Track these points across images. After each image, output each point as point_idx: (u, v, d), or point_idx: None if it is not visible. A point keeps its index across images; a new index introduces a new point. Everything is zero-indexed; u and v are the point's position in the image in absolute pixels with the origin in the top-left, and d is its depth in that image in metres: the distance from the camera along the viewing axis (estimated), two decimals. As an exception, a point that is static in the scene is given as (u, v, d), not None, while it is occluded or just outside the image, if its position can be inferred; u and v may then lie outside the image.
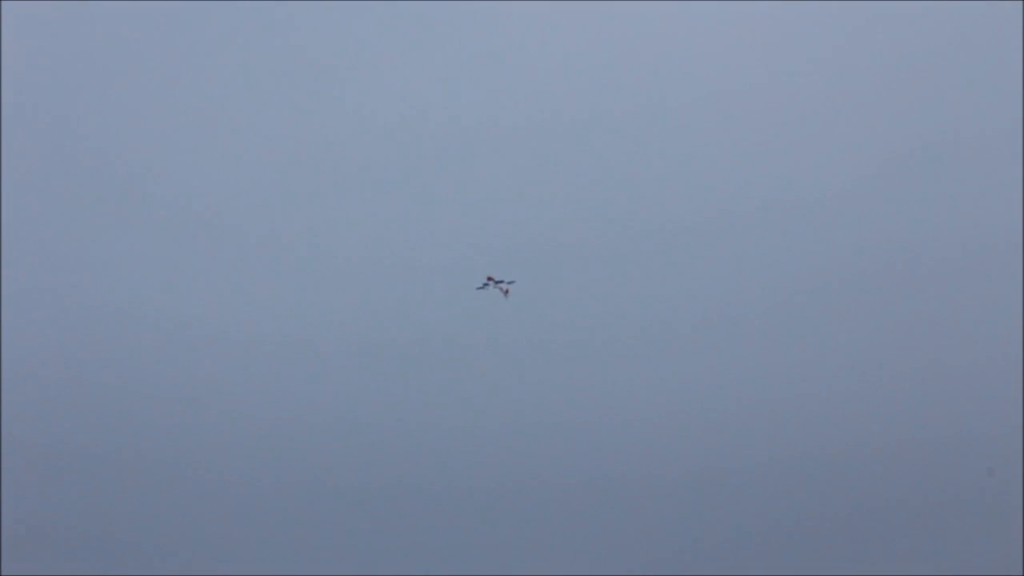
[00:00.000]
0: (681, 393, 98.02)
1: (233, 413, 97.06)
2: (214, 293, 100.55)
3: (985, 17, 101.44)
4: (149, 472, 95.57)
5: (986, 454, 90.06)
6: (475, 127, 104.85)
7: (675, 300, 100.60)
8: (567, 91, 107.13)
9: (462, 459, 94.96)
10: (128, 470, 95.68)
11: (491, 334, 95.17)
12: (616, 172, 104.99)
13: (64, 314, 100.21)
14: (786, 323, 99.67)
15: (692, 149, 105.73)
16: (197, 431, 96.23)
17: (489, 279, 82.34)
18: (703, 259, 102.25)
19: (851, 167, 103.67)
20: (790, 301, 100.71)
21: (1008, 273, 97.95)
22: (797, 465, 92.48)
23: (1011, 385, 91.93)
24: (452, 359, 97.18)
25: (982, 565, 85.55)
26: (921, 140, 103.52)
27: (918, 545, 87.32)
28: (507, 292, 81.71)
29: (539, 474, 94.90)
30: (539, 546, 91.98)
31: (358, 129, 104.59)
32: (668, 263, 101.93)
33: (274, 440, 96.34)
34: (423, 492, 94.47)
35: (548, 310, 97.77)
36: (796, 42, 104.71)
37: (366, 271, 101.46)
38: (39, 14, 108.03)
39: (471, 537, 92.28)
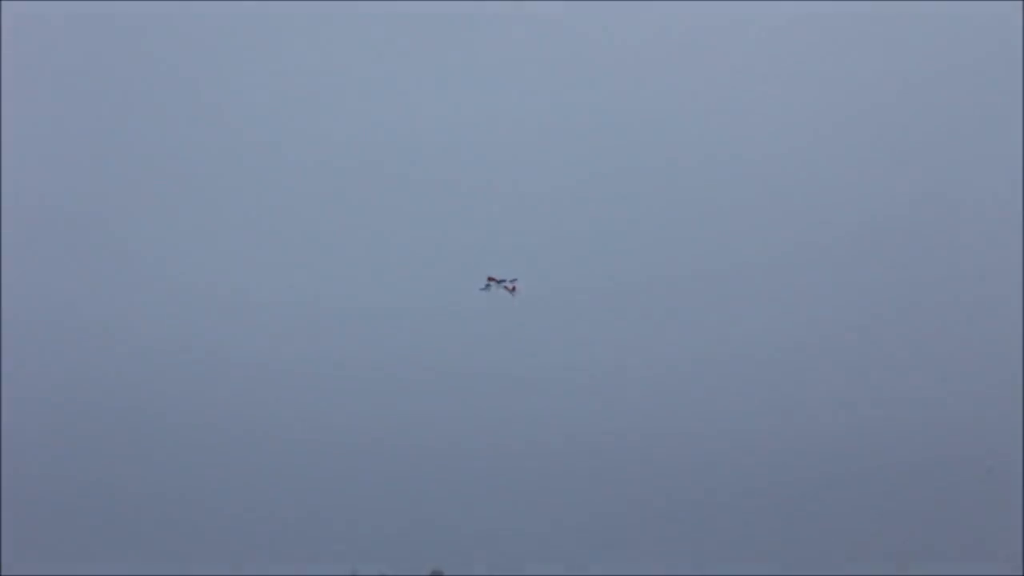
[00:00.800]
0: (683, 395, 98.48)
1: (235, 426, 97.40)
2: (213, 296, 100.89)
3: (985, 18, 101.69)
4: (150, 473, 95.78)
5: (986, 454, 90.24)
6: (475, 130, 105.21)
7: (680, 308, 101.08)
8: (573, 93, 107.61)
9: (464, 467, 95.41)
10: (129, 471, 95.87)
11: (499, 339, 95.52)
12: (621, 176, 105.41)
13: (65, 322, 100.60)
14: (786, 321, 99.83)
15: (697, 149, 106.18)
16: (201, 438, 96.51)
17: (490, 279, 79.68)
18: (704, 261, 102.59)
19: (851, 163, 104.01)
20: (791, 299, 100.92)
21: (1008, 273, 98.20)
22: (795, 464, 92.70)
23: (1011, 385, 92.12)
24: (459, 366, 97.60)
25: (982, 565, 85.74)
26: (921, 139, 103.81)
27: (918, 545, 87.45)
28: (514, 290, 78.96)
29: (549, 481, 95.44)
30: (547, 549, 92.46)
31: (360, 133, 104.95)
32: (673, 267, 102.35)
33: (276, 453, 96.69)
34: (427, 495, 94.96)
35: (556, 318, 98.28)
36: (800, 50, 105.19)
37: (367, 272, 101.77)
38: (41, 12, 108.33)
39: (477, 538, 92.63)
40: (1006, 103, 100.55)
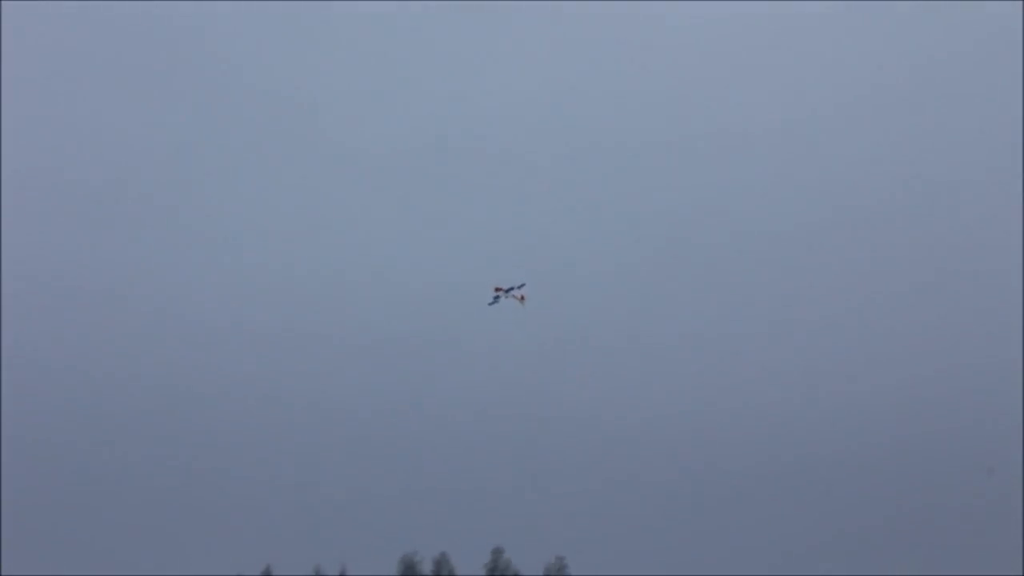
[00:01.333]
0: (687, 397, 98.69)
1: (285, 411, 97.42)
2: (242, 352, 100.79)
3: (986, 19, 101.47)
4: (148, 473, 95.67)
5: (986, 454, 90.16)
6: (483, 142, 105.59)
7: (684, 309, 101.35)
8: (576, 90, 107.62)
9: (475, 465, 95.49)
10: (126, 470, 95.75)
11: (510, 345, 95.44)
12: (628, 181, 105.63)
13: (72, 311, 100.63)
14: (792, 326, 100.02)
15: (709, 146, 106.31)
16: (205, 436, 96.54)
17: (498, 290, 76.61)
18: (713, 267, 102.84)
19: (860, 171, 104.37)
20: (797, 306, 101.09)
21: (1007, 275, 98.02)
22: (799, 465, 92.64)
23: (1011, 385, 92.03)
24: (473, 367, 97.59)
25: (982, 565, 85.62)
26: (923, 130, 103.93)
27: (918, 545, 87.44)
28: (523, 298, 76.09)
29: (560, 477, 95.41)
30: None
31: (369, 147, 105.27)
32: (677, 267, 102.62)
33: (299, 458, 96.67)
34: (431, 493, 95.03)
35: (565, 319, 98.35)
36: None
37: (374, 287, 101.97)
38: (41, 11, 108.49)
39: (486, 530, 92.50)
40: (1006, 99, 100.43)
